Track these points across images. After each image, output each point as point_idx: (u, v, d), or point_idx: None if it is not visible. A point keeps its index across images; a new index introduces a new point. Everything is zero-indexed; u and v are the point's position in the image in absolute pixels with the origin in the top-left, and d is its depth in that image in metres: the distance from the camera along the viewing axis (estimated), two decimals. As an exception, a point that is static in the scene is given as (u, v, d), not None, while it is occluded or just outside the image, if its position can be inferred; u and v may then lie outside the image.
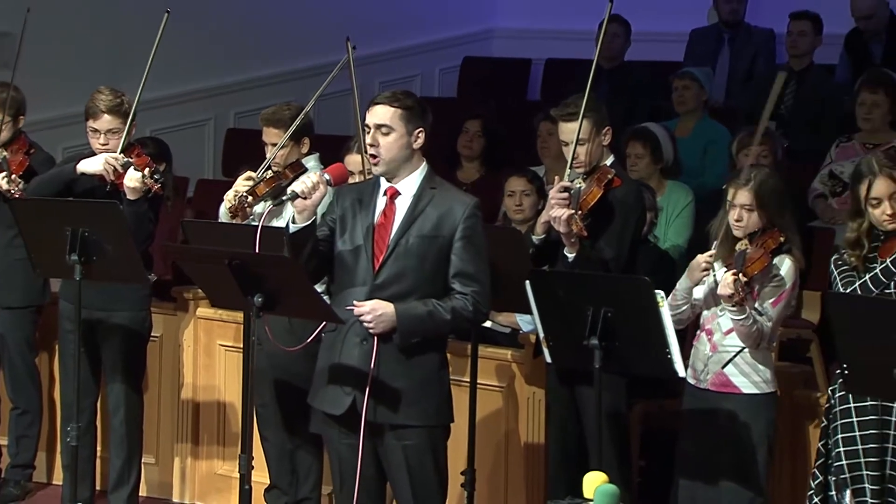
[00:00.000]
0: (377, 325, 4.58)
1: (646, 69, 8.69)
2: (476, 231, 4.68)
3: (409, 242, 4.64)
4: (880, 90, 7.02)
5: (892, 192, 4.82)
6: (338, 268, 4.72)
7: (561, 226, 5.18)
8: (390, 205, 4.70)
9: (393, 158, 4.66)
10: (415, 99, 4.74)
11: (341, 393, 4.67)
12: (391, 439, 4.68)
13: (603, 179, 5.30)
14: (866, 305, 4.67)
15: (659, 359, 4.80)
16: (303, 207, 4.61)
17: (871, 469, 4.77)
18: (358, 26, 9.33)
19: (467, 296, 4.64)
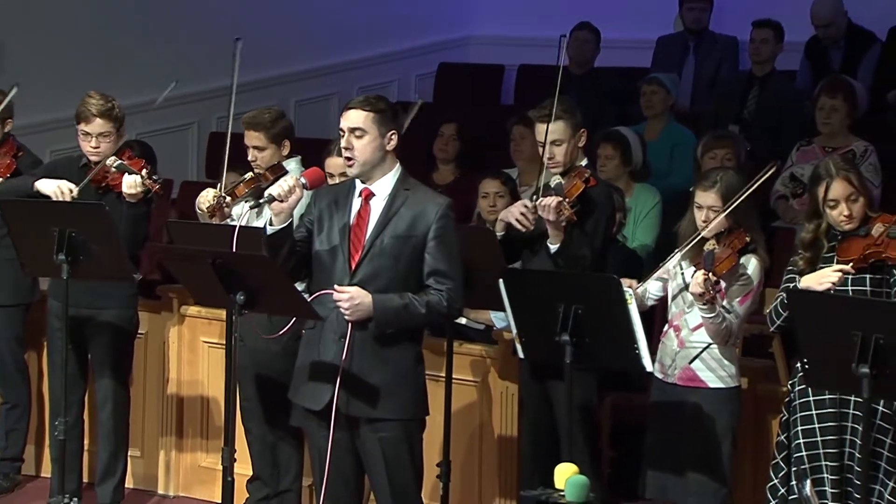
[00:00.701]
0: (354, 313, 4.58)
1: (615, 75, 8.71)
2: (449, 230, 4.69)
3: (384, 243, 4.65)
4: (839, 95, 7.03)
5: (848, 194, 4.83)
6: (315, 267, 4.73)
7: (550, 214, 5.17)
8: (365, 206, 4.71)
9: (367, 160, 4.67)
10: (387, 103, 4.75)
11: (320, 388, 4.67)
12: (368, 432, 4.67)
13: (582, 175, 5.32)
14: (826, 302, 4.68)
15: (627, 354, 4.81)
16: (279, 210, 4.62)
17: (829, 460, 4.79)
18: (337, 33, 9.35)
19: (442, 292, 4.65)
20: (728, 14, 8.78)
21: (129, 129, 6.15)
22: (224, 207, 5.63)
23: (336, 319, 4.63)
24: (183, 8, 8.58)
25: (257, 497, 6.09)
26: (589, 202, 5.31)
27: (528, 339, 5.02)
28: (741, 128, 7.80)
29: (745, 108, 8.02)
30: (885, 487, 4.74)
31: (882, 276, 4.81)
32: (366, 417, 4.66)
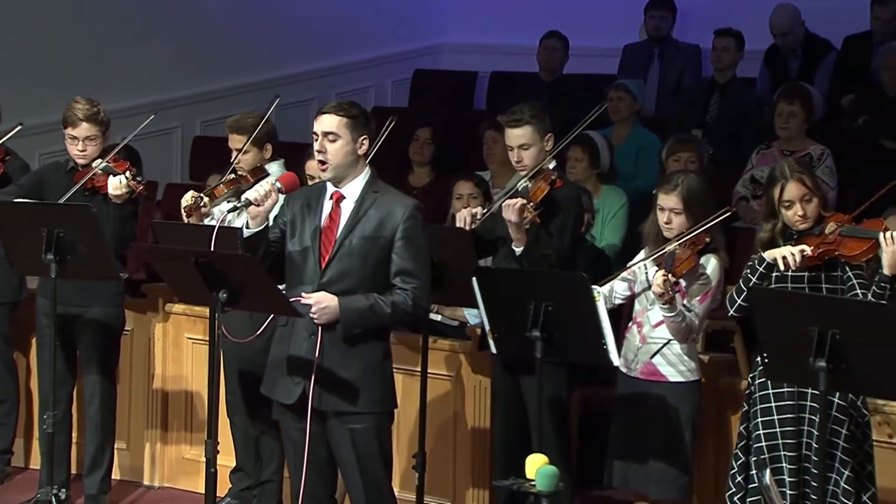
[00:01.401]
0: (321, 316, 4.59)
1: (583, 81, 8.72)
2: (415, 231, 4.69)
3: (353, 243, 4.65)
4: (796, 101, 7.06)
5: (802, 195, 4.85)
6: (288, 268, 4.74)
7: (513, 215, 5.18)
8: (336, 208, 4.71)
9: (340, 164, 4.67)
10: (360, 109, 4.76)
11: (292, 383, 4.68)
12: (339, 425, 4.68)
13: (548, 178, 5.32)
14: (785, 299, 4.70)
15: (595, 349, 4.82)
16: (256, 214, 4.64)
17: (788, 450, 4.80)
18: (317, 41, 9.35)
19: (407, 291, 4.64)
20: (691, 23, 8.81)
21: (116, 132, 6.15)
22: (201, 208, 5.62)
23: (307, 318, 4.64)
24: (168, 16, 8.56)
25: (240, 487, 6.10)
26: (555, 203, 5.32)
27: (501, 334, 5.03)
28: (704, 132, 7.82)
29: (708, 113, 8.05)
30: (840, 476, 4.76)
31: (836, 273, 4.83)
32: (337, 411, 4.66)
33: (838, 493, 4.74)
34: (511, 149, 5.40)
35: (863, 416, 4.84)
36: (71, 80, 7.69)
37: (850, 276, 4.80)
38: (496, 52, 9.51)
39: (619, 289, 5.18)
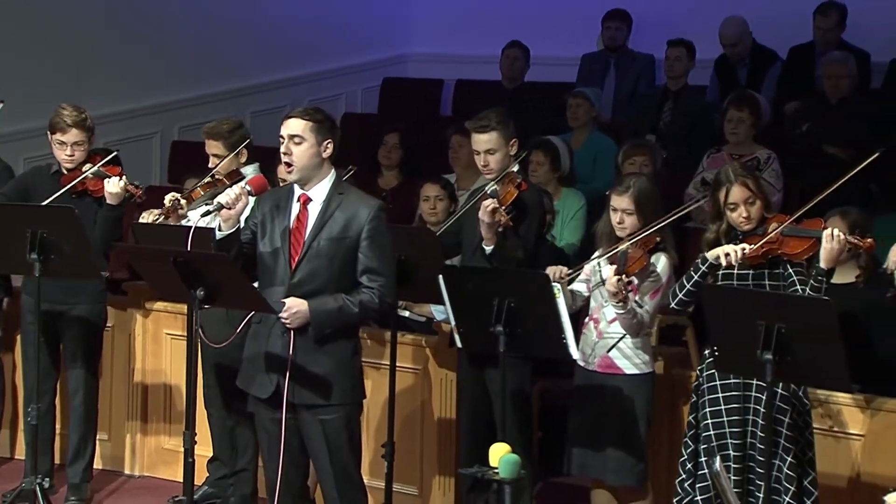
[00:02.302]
0: (293, 321, 4.60)
1: (543, 89, 8.73)
2: (380, 231, 4.69)
3: (321, 245, 4.65)
4: (745, 108, 7.10)
5: (746, 198, 4.88)
6: (260, 268, 4.73)
7: (486, 216, 5.18)
8: (303, 210, 4.71)
9: (305, 166, 4.67)
10: (324, 114, 4.77)
11: (266, 378, 4.68)
12: (311, 417, 4.68)
13: (514, 181, 5.33)
14: (734, 296, 4.73)
15: (555, 343, 4.84)
16: (227, 217, 4.64)
17: (734, 438, 4.82)
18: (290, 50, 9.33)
19: (374, 289, 4.65)
20: (645, 34, 8.84)
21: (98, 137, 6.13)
22: (178, 210, 5.62)
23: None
24: (148, 26, 8.53)
25: (216, 476, 6.09)
26: (522, 206, 5.33)
27: (466, 330, 5.04)
28: (657, 137, 7.85)
29: (661, 119, 8.08)
30: (783, 462, 4.79)
31: (779, 271, 4.86)
32: (309, 404, 4.67)
33: (781, 479, 4.77)
34: (478, 153, 5.41)
35: (804, 405, 4.88)
36: (54, 88, 7.64)
37: (790, 272, 4.84)
38: (461, 61, 9.52)
39: (579, 289, 5.19)
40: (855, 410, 5.13)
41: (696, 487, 4.92)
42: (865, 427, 5.11)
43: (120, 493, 6.35)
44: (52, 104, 5.96)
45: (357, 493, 4.78)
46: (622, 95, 8.74)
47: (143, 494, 6.30)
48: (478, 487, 5.39)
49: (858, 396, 5.10)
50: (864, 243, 4.71)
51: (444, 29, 9.77)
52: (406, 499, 5.89)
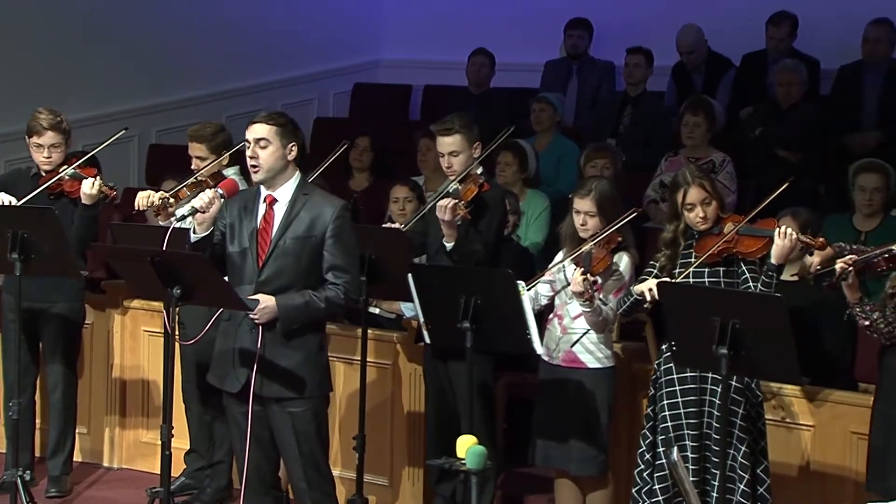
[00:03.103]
0: (262, 317, 4.60)
1: (508, 94, 8.74)
2: (344, 229, 4.69)
3: (286, 244, 4.65)
4: (700, 113, 7.13)
5: (703, 199, 4.90)
6: (229, 268, 4.73)
7: (446, 214, 5.18)
8: (269, 211, 4.70)
9: (271, 168, 4.67)
10: (287, 118, 4.77)
11: (236, 373, 4.68)
12: (280, 410, 4.68)
13: (476, 181, 5.34)
14: (691, 293, 4.75)
15: (520, 339, 4.84)
16: (202, 220, 4.64)
17: (691, 429, 4.84)
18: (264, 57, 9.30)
19: (339, 286, 4.65)
20: (606, 42, 8.86)
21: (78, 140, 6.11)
22: (168, 208, 5.61)
23: None
24: (126, 33, 8.49)
25: (194, 468, 6.07)
26: (483, 204, 5.33)
27: (434, 326, 5.03)
28: (617, 141, 7.87)
29: (621, 123, 8.10)
30: (737, 451, 4.81)
31: (733, 268, 4.89)
32: (278, 397, 4.66)
33: (736, 467, 4.80)
34: (442, 155, 5.41)
35: (756, 397, 4.90)
36: (34, 93, 7.59)
37: (744, 270, 4.86)
38: (429, 67, 9.52)
39: (543, 291, 5.20)
40: (804, 402, 5.17)
41: (655, 477, 4.94)
42: (814, 418, 5.15)
43: (99, 484, 6.32)
44: (32, 107, 5.93)
45: (325, 484, 4.78)
46: (584, 101, 8.75)
47: (122, 486, 6.26)
48: (445, 478, 5.40)
49: (808, 389, 5.13)
50: (816, 242, 4.75)
51: (413, 36, 9.77)
52: (376, 489, 5.88)
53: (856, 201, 6.26)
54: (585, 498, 5.24)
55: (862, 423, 4.86)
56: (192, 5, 8.83)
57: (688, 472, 4.73)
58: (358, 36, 9.89)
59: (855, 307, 4.58)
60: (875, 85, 7.76)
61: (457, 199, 5.21)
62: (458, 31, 9.30)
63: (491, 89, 8.72)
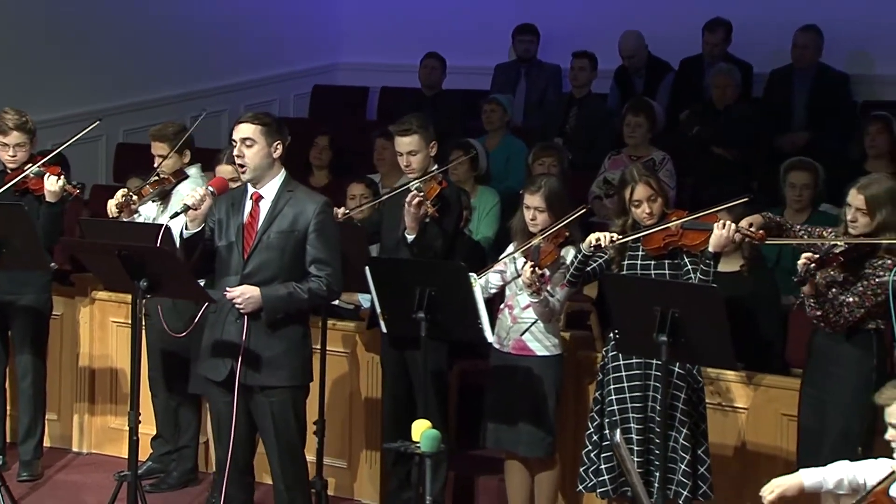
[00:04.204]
0: (246, 306, 4.56)
1: (460, 96, 8.72)
2: (327, 224, 4.66)
3: (271, 238, 4.62)
4: (641, 114, 7.15)
5: (649, 196, 4.91)
6: (217, 261, 4.70)
7: (412, 207, 5.15)
8: (255, 207, 4.68)
9: (257, 166, 4.63)
10: (273, 118, 4.74)
11: (221, 363, 4.63)
12: (261, 398, 4.65)
13: (437, 178, 5.32)
14: (633, 284, 4.76)
15: (472, 328, 4.82)
16: (194, 217, 4.61)
17: (635, 412, 4.86)
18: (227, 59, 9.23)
19: (321, 278, 4.62)
20: (552, 46, 8.86)
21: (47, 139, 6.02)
22: (131, 205, 5.57)
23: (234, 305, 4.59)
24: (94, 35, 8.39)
25: (160, 452, 6.03)
26: (444, 202, 5.32)
27: (391, 316, 5.00)
28: (564, 140, 7.88)
29: (567, 123, 8.11)
30: (679, 433, 4.83)
31: (677, 261, 4.90)
32: (260, 385, 4.62)
33: (678, 448, 4.82)
34: (400, 154, 5.38)
35: (697, 382, 4.92)
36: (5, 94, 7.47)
37: (686, 262, 4.88)
38: (385, 70, 9.49)
39: (493, 280, 5.19)
40: (740, 386, 5.20)
41: (601, 457, 4.94)
42: (749, 401, 5.18)
43: (69, 468, 6.25)
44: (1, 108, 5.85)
45: (300, 470, 4.76)
46: (532, 102, 8.75)
47: (91, 470, 6.20)
48: (401, 460, 5.37)
49: (743, 374, 5.16)
50: (757, 234, 4.77)
51: (370, 41, 9.74)
52: (336, 471, 5.85)
53: (787, 197, 6.31)
54: (534, 478, 5.24)
55: (792, 405, 4.89)
56: (158, 10, 8.75)
57: (632, 454, 4.75)
58: (317, 40, 9.86)
59: (809, 299, 4.60)
60: (804, 88, 7.83)
61: (423, 196, 5.18)
62: (412, 36, 9.28)
63: (443, 91, 8.69)
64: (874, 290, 4.52)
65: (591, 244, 4.82)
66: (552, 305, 5.04)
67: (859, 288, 4.55)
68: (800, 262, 4.54)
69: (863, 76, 8.04)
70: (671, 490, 4.78)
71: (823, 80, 7.81)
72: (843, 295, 4.57)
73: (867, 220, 4.56)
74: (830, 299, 4.58)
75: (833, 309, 4.57)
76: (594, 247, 4.82)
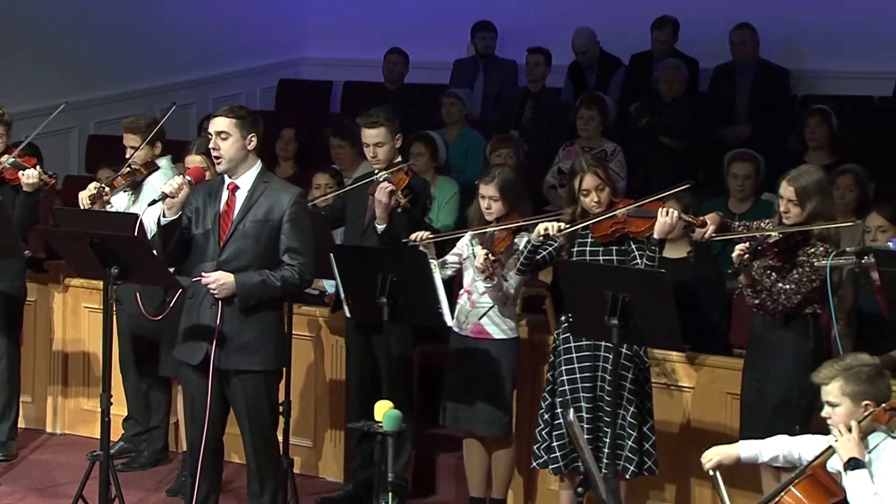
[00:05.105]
0: (220, 292, 4.55)
1: (421, 90, 8.71)
2: (301, 215, 4.65)
3: (246, 227, 4.60)
4: (594, 107, 7.17)
5: (597, 185, 4.91)
6: (194, 249, 4.68)
7: (384, 197, 5.13)
8: (231, 196, 4.65)
9: (232, 158, 4.61)
10: (247, 111, 4.72)
11: (197, 346, 4.61)
12: (235, 381, 4.63)
13: (403, 169, 5.30)
14: (585, 269, 4.78)
15: (432, 312, 4.83)
16: (171, 205, 4.58)
17: (586, 392, 4.87)
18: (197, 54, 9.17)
19: (294, 266, 4.61)
20: (509, 42, 8.87)
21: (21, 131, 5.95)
22: (103, 196, 5.52)
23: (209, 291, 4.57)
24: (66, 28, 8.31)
25: (131, 433, 6.01)
26: (412, 192, 5.31)
27: (354, 301, 5.00)
28: (520, 132, 7.89)
29: (523, 117, 8.12)
30: (626, 412, 4.86)
31: (625, 247, 4.92)
32: (234, 369, 4.60)
33: (625, 426, 4.85)
34: (367, 146, 5.37)
35: (644, 363, 4.95)
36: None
37: (632, 248, 4.90)
38: (349, 64, 9.46)
39: (451, 261, 5.20)
40: (686, 366, 5.24)
41: (553, 435, 4.96)
42: (694, 381, 5.22)
43: (43, 448, 6.21)
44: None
45: (271, 450, 4.76)
46: (489, 96, 8.76)
47: (64, 450, 6.16)
48: (365, 439, 5.37)
49: (688, 354, 5.20)
50: (698, 221, 4.81)
51: (334, 36, 9.70)
52: (302, 450, 5.85)
53: (730, 187, 6.36)
54: (491, 455, 5.26)
55: (735, 384, 4.94)
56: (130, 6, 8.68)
57: (582, 431, 4.77)
58: (283, 36, 9.82)
59: (746, 288, 4.64)
60: (745, 83, 7.90)
61: (393, 187, 5.17)
62: (375, 32, 9.26)
63: (405, 85, 8.68)
64: (809, 276, 4.57)
65: (539, 234, 4.83)
66: (506, 290, 5.05)
67: (795, 275, 4.60)
68: (734, 253, 4.58)
69: (802, 71, 8.12)
70: (619, 465, 4.81)
71: (764, 75, 7.87)
72: (779, 283, 4.62)
73: (798, 210, 4.61)
74: (768, 287, 4.62)
75: (770, 297, 4.62)
76: (543, 236, 4.83)
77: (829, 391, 3.84)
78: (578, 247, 4.93)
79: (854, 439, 3.72)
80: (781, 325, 4.65)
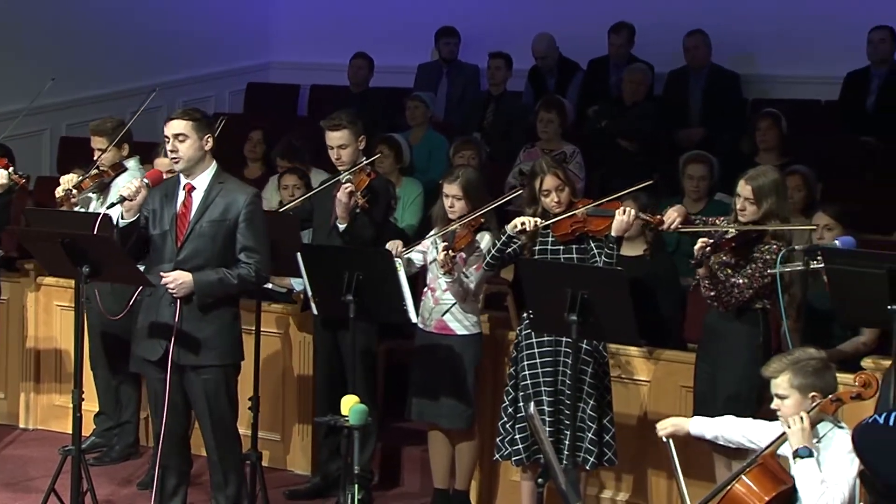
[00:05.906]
0: (178, 290, 4.53)
1: (385, 93, 8.69)
2: (256, 214, 4.62)
3: (203, 227, 4.58)
4: (553, 110, 7.19)
5: (557, 185, 4.93)
6: (152, 249, 4.66)
7: (344, 197, 5.11)
8: (188, 197, 4.63)
9: (189, 158, 4.59)
10: (202, 113, 4.71)
11: (157, 343, 4.59)
12: (194, 376, 4.61)
13: (365, 170, 5.28)
14: (546, 267, 4.79)
15: (397, 309, 4.82)
16: (129, 207, 4.57)
17: (547, 386, 4.89)
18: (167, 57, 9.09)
19: (251, 265, 4.59)
20: (471, 47, 8.87)
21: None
22: (72, 198, 5.47)
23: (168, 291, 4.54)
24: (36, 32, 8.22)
25: (102, 428, 5.97)
26: (373, 192, 5.29)
27: (321, 299, 4.98)
28: (482, 135, 7.89)
29: (485, 119, 8.13)
30: (586, 405, 4.88)
31: (584, 246, 4.94)
32: (192, 365, 4.58)
33: (585, 418, 4.86)
34: (331, 148, 5.35)
35: (603, 357, 4.97)
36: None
37: (592, 246, 4.91)
38: (315, 69, 9.42)
39: (415, 258, 5.20)
40: (642, 361, 5.26)
41: (515, 428, 4.97)
42: (651, 374, 5.25)
43: (16, 444, 6.14)
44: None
45: (232, 443, 4.74)
46: (452, 99, 8.75)
47: (37, 445, 6.10)
48: (331, 433, 5.35)
49: (645, 349, 5.22)
50: (654, 219, 4.84)
51: (301, 41, 9.67)
52: (270, 444, 5.82)
53: (685, 187, 6.40)
54: (455, 447, 5.26)
55: (690, 378, 4.96)
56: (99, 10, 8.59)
57: (544, 424, 4.78)
58: (251, 40, 9.77)
59: (704, 280, 4.67)
60: (698, 87, 7.95)
61: (353, 187, 5.15)
62: (341, 37, 9.23)
63: (370, 89, 8.66)
64: (761, 272, 4.61)
65: (516, 227, 4.83)
66: (466, 286, 5.05)
67: (748, 270, 4.64)
68: (696, 246, 4.61)
69: (753, 76, 8.18)
70: (580, 457, 4.83)
71: (716, 79, 7.93)
72: (733, 277, 4.65)
73: (755, 208, 4.65)
74: (723, 281, 4.65)
75: (725, 290, 4.65)
76: (519, 230, 4.83)
77: (778, 384, 3.87)
78: (539, 245, 4.93)
79: (804, 429, 3.76)
80: (734, 317, 4.69)
